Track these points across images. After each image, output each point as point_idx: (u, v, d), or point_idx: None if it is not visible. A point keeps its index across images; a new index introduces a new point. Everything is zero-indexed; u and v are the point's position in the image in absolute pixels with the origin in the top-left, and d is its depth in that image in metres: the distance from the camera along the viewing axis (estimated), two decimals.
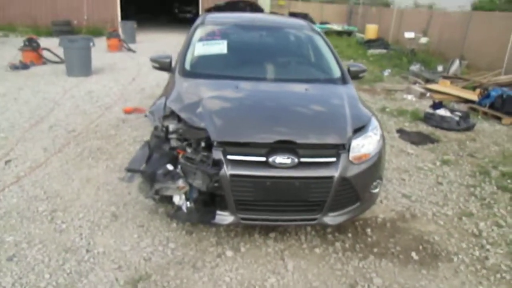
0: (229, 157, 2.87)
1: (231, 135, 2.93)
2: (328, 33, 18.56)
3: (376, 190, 3.29)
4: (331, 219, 3.06)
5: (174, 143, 3.17)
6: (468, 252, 3.29)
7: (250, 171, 2.85)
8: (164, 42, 15.68)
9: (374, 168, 3.16)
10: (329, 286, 2.81)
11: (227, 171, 2.83)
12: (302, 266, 2.98)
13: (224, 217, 2.96)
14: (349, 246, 3.25)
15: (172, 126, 3.20)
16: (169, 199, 3.15)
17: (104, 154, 4.76)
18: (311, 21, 9.88)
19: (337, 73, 4.02)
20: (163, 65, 4.08)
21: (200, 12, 18.70)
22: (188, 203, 3.08)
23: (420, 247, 3.30)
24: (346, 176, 2.95)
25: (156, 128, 3.27)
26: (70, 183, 4.00)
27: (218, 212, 2.97)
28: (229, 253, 3.08)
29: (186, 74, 3.78)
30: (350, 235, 3.39)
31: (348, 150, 3.01)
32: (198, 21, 4.51)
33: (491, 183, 4.59)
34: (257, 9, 10.01)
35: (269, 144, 2.88)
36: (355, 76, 4.14)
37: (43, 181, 4.01)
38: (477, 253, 3.29)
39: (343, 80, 3.92)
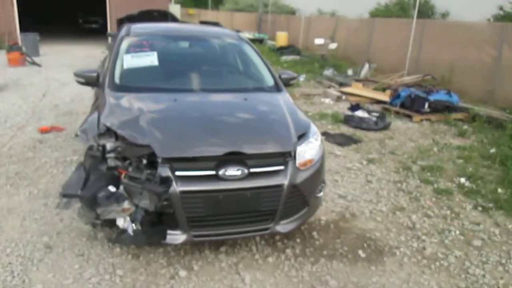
0: (177, 173, 2.77)
1: (178, 151, 2.82)
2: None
3: (321, 194, 3.38)
4: (282, 227, 3.07)
5: (112, 162, 2.97)
6: (408, 245, 3.50)
7: (201, 186, 2.77)
8: (70, 54, 14.78)
9: (318, 173, 3.24)
10: None
11: (177, 188, 2.72)
12: (258, 278, 2.96)
13: (176, 236, 2.84)
14: (300, 251, 3.30)
15: (109, 144, 3.00)
16: (111, 223, 2.96)
17: (24, 179, 4.33)
18: None
19: (270, 81, 4.07)
20: (89, 80, 3.82)
21: (109, 23, 17.93)
22: (133, 225, 2.91)
23: (365, 245, 3.45)
24: (295, 183, 2.99)
25: (91, 147, 3.04)
26: None
27: (169, 231, 2.84)
28: (183, 273, 2.96)
29: (117, 88, 3.57)
30: (298, 240, 3.44)
31: (294, 157, 3.05)
32: (123, 32, 4.30)
33: (414, 177, 4.96)
34: (173, 18, 9.87)
35: (218, 157, 2.83)
36: (287, 83, 4.22)
37: None
38: (415, 244, 3.51)
39: (277, 88, 3.98)
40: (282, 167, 2.98)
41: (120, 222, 2.93)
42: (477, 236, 3.70)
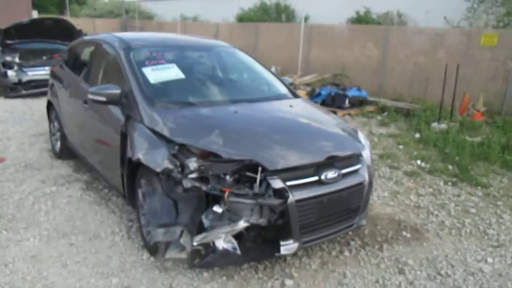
0: (288, 183, 2.79)
1: (285, 161, 2.83)
2: None
3: None
4: (362, 221, 3.33)
5: (189, 183, 2.83)
6: (430, 221, 4.06)
7: (310, 193, 2.85)
8: None
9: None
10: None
11: (293, 197, 2.75)
12: (353, 271, 3.14)
13: (290, 246, 2.85)
14: (360, 242, 3.56)
15: (191, 164, 2.84)
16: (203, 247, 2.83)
17: (14, 223, 3.66)
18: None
19: (283, 87, 4.22)
20: (112, 98, 3.44)
21: None
22: (233, 243, 2.83)
23: (401, 227, 3.88)
24: (371, 179, 3.27)
25: (164, 171, 2.84)
26: None
27: (282, 242, 2.84)
28: (289, 282, 2.96)
29: (161, 105, 3.33)
30: (350, 233, 3.69)
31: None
32: (123, 44, 3.92)
33: (381, 165, 5.62)
34: (70, 27, 9.01)
35: (319, 163, 2.93)
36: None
37: None
38: (434, 219, 4.09)
39: (294, 94, 4.15)
40: (359, 166, 3.22)
41: (220, 244, 2.81)
42: (467, 205, 4.47)
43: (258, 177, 2.82)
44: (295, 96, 4.12)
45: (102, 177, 4.11)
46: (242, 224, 2.71)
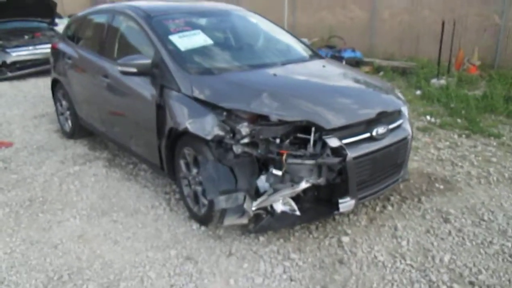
0: (344, 141, 2.79)
1: (341, 120, 2.82)
2: None
3: None
4: (405, 175, 3.38)
5: (240, 148, 2.80)
6: (456, 172, 4.16)
7: (365, 149, 2.86)
8: None
9: None
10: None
11: (350, 155, 2.75)
12: (403, 224, 3.21)
13: (348, 203, 2.87)
14: (400, 196, 3.63)
15: (243, 129, 2.80)
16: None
17: (49, 205, 3.56)
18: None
19: (306, 49, 4.16)
20: (143, 68, 3.31)
21: None
22: (292, 205, 2.84)
23: (432, 179, 3.97)
24: (412, 133, 3.30)
25: (214, 138, 2.79)
26: None
27: (340, 200, 2.86)
28: (345, 238, 3.00)
29: (198, 71, 3.25)
30: None
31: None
32: (142, 13, 3.75)
33: None
34: (47, 2, 8.58)
35: (370, 119, 2.93)
36: None
37: None
38: (460, 170, 4.20)
39: (318, 55, 4.10)
40: (402, 121, 3.25)
41: (279, 206, 2.82)
42: (486, 155, 4.59)
43: (312, 137, 2.81)
44: (320, 57, 4.07)
45: (130, 152, 4.01)
46: (303, 185, 2.72)
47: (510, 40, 8.17)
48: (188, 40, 3.51)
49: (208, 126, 2.84)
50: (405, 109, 3.38)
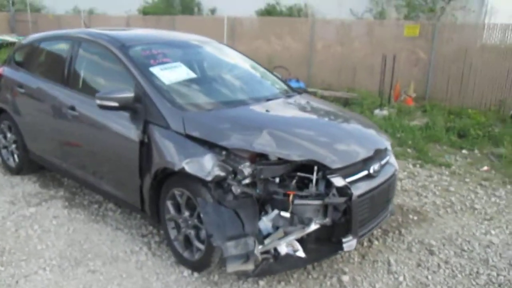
0: (347, 180, 2.78)
1: (344, 159, 2.82)
2: (4, 45, 15.93)
3: None
4: (393, 209, 3.45)
5: (240, 189, 2.70)
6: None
7: (366, 187, 2.88)
8: None
9: None
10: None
11: (354, 194, 2.75)
12: (400, 259, 3.26)
13: (350, 242, 2.84)
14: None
15: (246, 169, 2.70)
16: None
17: (8, 256, 3.11)
18: None
19: (282, 83, 4.16)
20: (125, 102, 3.07)
21: None
22: (297, 246, 2.76)
23: None
24: (397, 169, 3.40)
25: (214, 179, 2.66)
26: None
27: (343, 239, 2.82)
28: (345, 278, 2.97)
29: (189, 107, 3.08)
30: None
31: None
32: (116, 42, 3.51)
33: None
34: None
35: (368, 157, 2.96)
36: None
37: None
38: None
39: (294, 90, 4.12)
40: (389, 156, 3.33)
41: (283, 248, 2.73)
42: (443, 184, 4.86)
43: (314, 176, 2.77)
44: (295, 91, 4.08)
45: (100, 192, 3.67)
46: (313, 226, 2.65)
47: (439, 73, 8.92)
48: (170, 73, 3.34)
49: (207, 166, 2.68)
50: (389, 145, 3.49)
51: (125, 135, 3.15)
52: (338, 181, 2.72)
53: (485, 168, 5.40)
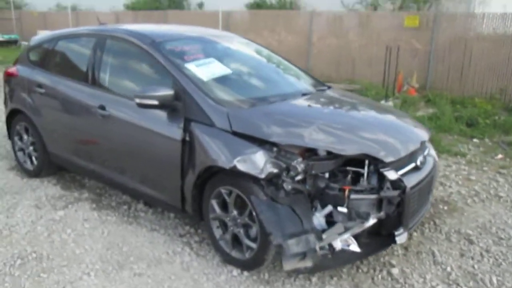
0: (399, 172, 2.77)
1: (396, 152, 2.80)
2: None
3: None
4: (432, 200, 3.47)
5: (291, 185, 2.67)
6: None
7: (416, 179, 2.88)
8: None
9: None
10: None
11: (408, 186, 2.74)
12: (444, 250, 3.28)
13: (403, 235, 2.83)
14: None
15: (300, 165, 2.66)
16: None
17: (48, 262, 3.01)
18: None
19: (310, 77, 4.11)
20: (164, 100, 2.99)
21: None
22: (351, 241, 2.75)
23: None
24: (437, 160, 3.41)
25: (268, 176, 2.62)
26: None
27: (396, 232, 2.81)
28: (394, 270, 2.96)
29: (233, 104, 3.02)
30: None
31: None
32: (145, 39, 3.42)
33: None
34: None
35: (416, 149, 2.96)
36: None
37: None
38: None
39: (323, 84, 4.08)
40: (429, 147, 3.34)
41: (338, 244, 2.70)
42: (463, 173, 4.91)
43: (366, 170, 2.75)
44: (325, 85, 4.04)
45: (133, 193, 3.60)
46: (372, 221, 2.63)
47: (439, 63, 9.00)
48: (206, 69, 3.27)
49: (260, 164, 2.63)
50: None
51: (164, 134, 3.08)
52: (392, 175, 2.71)
53: (500, 156, 5.47)
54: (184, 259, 3.09)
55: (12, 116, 4.47)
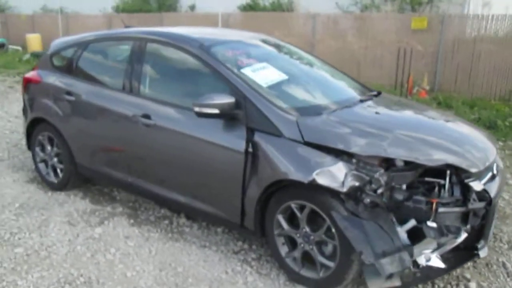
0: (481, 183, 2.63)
1: (478, 162, 2.65)
2: None
3: None
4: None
5: (369, 198, 2.50)
6: None
7: (495, 188, 2.75)
8: None
9: None
10: None
11: (493, 197, 2.60)
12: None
13: (485, 248, 2.69)
14: None
15: (382, 177, 2.49)
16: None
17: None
18: None
19: (357, 83, 3.94)
20: (226, 109, 2.78)
21: None
22: (437, 256, 2.59)
23: None
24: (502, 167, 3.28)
25: (349, 190, 2.44)
26: None
27: (478, 245, 2.66)
28: (472, 284, 2.81)
29: (300, 112, 2.82)
30: None
31: None
32: (193, 42, 3.19)
33: None
34: None
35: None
36: None
37: None
38: None
39: (370, 89, 3.89)
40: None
41: (422, 260, 2.54)
42: None
43: (447, 181, 2.59)
44: (375, 91, 3.86)
45: (179, 206, 3.37)
46: (463, 235, 2.47)
47: (447, 65, 8.98)
48: (263, 75, 3.06)
49: (340, 177, 2.45)
50: None
51: (223, 145, 2.86)
52: (477, 185, 2.55)
53: None
54: (248, 279, 2.87)
55: (33, 126, 4.16)
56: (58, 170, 4.08)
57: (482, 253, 2.66)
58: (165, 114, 3.15)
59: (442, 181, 2.60)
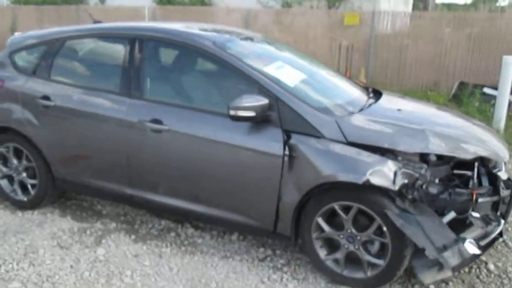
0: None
1: (503, 153, 2.84)
2: None
3: None
4: None
5: (412, 194, 2.59)
6: None
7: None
8: None
9: None
10: None
11: None
12: None
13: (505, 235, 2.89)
14: None
15: (428, 173, 2.59)
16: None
17: None
18: None
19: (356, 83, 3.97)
20: (262, 112, 2.62)
21: None
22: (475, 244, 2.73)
23: None
24: None
25: (401, 188, 2.49)
26: None
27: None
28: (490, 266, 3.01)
29: (328, 111, 2.77)
30: None
31: None
32: (205, 40, 2.95)
33: None
34: None
35: None
36: None
37: None
38: None
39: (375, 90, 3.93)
40: None
41: (472, 249, 2.66)
42: None
43: (475, 172, 2.74)
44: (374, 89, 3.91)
45: (195, 216, 3.13)
46: (502, 222, 2.63)
47: (378, 59, 9.55)
48: (286, 74, 2.95)
49: (390, 175, 2.46)
50: None
51: (257, 149, 2.69)
52: (504, 175, 2.74)
53: None
54: (288, 285, 2.77)
55: None
56: (29, 187, 3.55)
57: (505, 236, 2.86)
58: (181, 118, 2.88)
59: (469, 173, 2.74)
